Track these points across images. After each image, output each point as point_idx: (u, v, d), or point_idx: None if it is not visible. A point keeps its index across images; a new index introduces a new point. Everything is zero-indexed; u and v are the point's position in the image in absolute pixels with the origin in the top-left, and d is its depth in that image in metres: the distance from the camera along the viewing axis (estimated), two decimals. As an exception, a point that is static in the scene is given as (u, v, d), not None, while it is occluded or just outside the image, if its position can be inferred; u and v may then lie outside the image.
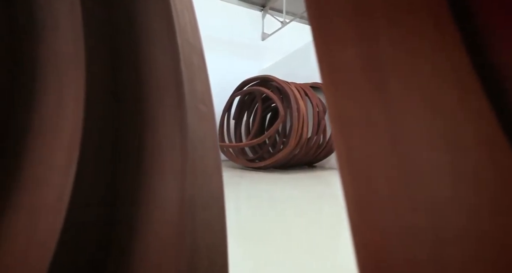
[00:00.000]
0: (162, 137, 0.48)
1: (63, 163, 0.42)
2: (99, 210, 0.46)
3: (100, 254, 0.45)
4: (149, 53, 0.53)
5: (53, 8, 0.49)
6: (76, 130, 0.42)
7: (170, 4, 0.53)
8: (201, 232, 0.46)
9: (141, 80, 0.51)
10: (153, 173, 0.48)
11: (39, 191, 0.42)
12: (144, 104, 0.51)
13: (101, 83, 0.47)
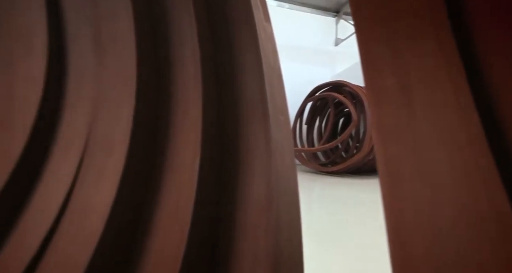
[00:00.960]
0: (252, 142, 0.65)
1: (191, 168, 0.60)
2: (210, 209, 0.61)
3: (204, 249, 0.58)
4: (243, 78, 0.71)
5: (182, 49, 0.70)
6: (197, 138, 0.61)
7: (258, 40, 0.70)
8: (283, 217, 0.60)
9: (237, 99, 0.69)
10: (246, 173, 0.64)
11: (179, 193, 0.60)
12: (239, 117, 0.68)
13: (211, 102, 0.66)
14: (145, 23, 0.74)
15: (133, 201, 0.60)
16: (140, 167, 0.62)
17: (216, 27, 0.75)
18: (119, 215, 0.57)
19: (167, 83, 0.70)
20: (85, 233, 0.55)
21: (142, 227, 0.60)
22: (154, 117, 0.68)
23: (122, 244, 0.56)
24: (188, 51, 0.67)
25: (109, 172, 0.60)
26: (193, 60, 0.65)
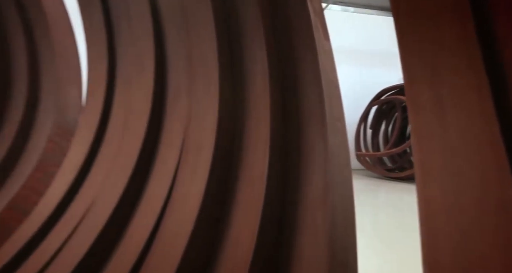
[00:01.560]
0: (312, 145, 0.76)
1: (262, 166, 0.75)
2: (277, 196, 0.76)
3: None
4: (304, 90, 0.83)
5: (254, 67, 0.85)
6: (266, 141, 0.75)
7: (317, 58, 0.81)
8: (338, 209, 0.70)
9: (299, 109, 0.81)
10: (306, 172, 0.76)
11: (253, 185, 0.76)
12: (301, 124, 0.80)
13: (278, 112, 0.80)
14: (225, 46, 0.91)
15: (218, 191, 0.76)
16: (222, 164, 0.78)
17: (282, 48, 0.88)
18: (209, 202, 0.73)
19: (242, 95, 0.86)
20: (185, 215, 0.72)
21: (225, 211, 0.75)
22: (233, 123, 0.84)
23: (211, 224, 0.73)
24: (258, 68, 0.82)
25: (200, 168, 0.77)
26: (262, 76, 0.80)
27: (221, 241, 0.72)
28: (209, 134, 0.81)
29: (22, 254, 0.85)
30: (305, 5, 0.83)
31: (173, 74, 0.96)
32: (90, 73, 1.21)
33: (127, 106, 0.99)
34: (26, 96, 1.49)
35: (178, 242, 0.68)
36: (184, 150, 0.83)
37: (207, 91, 0.88)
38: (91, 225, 0.77)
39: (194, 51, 0.93)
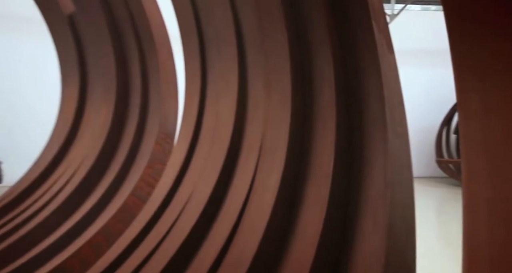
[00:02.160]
0: (374, 148, 0.84)
1: (328, 166, 0.86)
2: (341, 190, 0.86)
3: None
4: (368, 100, 0.91)
5: (322, 81, 0.97)
6: (332, 144, 0.85)
7: (380, 70, 0.89)
8: (397, 204, 0.77)
9: (363, 114, 0.90)
10: (369, 170, 0.84)
11: (319, 181, 0.88)
12: (364, 128, 0.89)
13: (343, 117, 0.90)
14: (297, 63, 1.04)
15: (290, 187, 0.89)
16: (293, 165, 0.91)
17: (348, 62, 0.98)
18: (282, 195, 0.87)
19: (311, 105, 0.98)
20: (263, 205, 0.88)
21: (295, 204, 0.89)
22: (302, 129, 0.97)
23: (284, 212, 0.87)
24: (326, 81, 0.93)
25: (275, 168, 0.92)
26: (329, 87, 0.91)
27: (291, 230, 0.86)
28: (283, 138, 0.95)
29: (144, 231, 1.12)
30: (370, 23, 0.92)
31: (253, 89, 1.14)
32: (186, 89, 1.47)
33: (215, 116, 1.20)
34: (139, 106, 1.86)
35: (257, 228, 0.84)
36: (262, 152, 0.99)
37: (281, 102, 1.02)
38: (193, 209, 0.99)
39: (271, 68, 1.08)
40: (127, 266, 0.95)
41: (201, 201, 1.00)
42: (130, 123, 1.83)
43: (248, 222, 0.86)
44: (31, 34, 5.16)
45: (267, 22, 1.06)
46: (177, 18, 1.50)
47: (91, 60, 2.23)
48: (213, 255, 0.84)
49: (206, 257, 0.86)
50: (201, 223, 0.93)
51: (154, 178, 1.45)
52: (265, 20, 1.06)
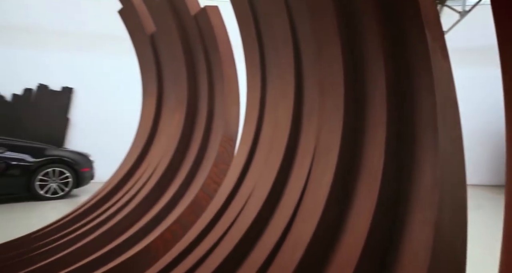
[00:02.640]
0: (425, 151, 0.88)
1: (378, 165, 0.92)
2: (391, 187, 0.91)
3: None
4: (419, 105, 0.94)
5: (374, 84, 1.02)
6: (381, 145, 0.91)
7: (433, 77, 0.92)
8: (447, 205, 0.80)
9: (415, 119, 0.93)
10: (419, 171, 0.88)
11: (369, 179, 0.95)
12: (416, 133, 0.92)
13: (394, 123, 0.94)
14: (350, 71, 1.11)
15: (342, 183, 0.97)
16: (346, 164, 0.99)
17: (400, 69, 1.02)
18: (334, 192, 0.95)
19: (362, 109, 1.05)
20: (317, 201, 0.97)
21: (346, 201, 0.96)
22: (354, 132, 1.03)
23: (336, 209, 0.95)
24: (378, 86, 0.99)
25: (328, 168, 1.01)
26: (381, 92, 0.96)
27: (341, 225, 0.93)
28: (335, 141, 1.03)
29: (213, 221, 1.29)
30: (423, 33, 0.95)
31: (308, 98, 1.24)
32: (248, 98, 1.63)
33: (274, 122, 1.32)
34: (206, 113, 2.09)
35: (311, 221, 0.94)
36: (316, 154, 1.08)
37: (334, 107, 1.10)
38: (254, 204, 1.12)
39: (325, 78, 1.17)
40: (200, 249, 1.12)
41: (261, 197, 1.13)
42: (198, 127, 2.06)
43: (302, 216, 0.96)
44: (118, 50, 5.94)
45: (322, 35, 1.15)
46: (241, 35, 1.67)
47: (167, 73, 2.55)
48: (271, 245, 0.96)
49: (265, 245, 0.98)
50: (261, 216, 1.06)
51: (219, 176, 1.64)
52: (321, 33, 1.15)
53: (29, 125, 6.30)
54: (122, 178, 2.31)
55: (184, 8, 2.10)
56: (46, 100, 6.55)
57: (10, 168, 4.40)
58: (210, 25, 1.94)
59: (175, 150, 2.06)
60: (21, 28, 6.41)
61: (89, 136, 6.53)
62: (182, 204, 1.62)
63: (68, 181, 4.76)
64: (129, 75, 4.66)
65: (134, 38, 2.91)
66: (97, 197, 2.34)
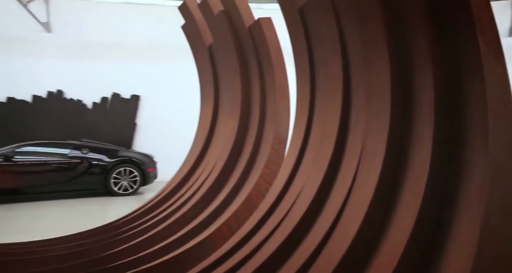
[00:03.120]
0: (475, 154, 0.88)
1: (424, 168, 0.94)
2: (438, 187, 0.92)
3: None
4: (470, 109, 0.95)
5: (422, 92, 1.04)
6: (428, 151, 0.93)
7: (484, 83, 0.92)
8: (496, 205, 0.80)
9: (466, 124, 0.94)
10: (468, 174, 0.88)
11: (413, 185, 0.97)
12: (465, 136, 0.93)
13: (442, 127, 0.96)
14: (397, 81, 1.14)
15: (387, 186, 1.01)
16: (391, 167, 1.03)
17: (449, 75, 1.03)
18: (379, 194, 1.00)
19: (409, 114, 1.07)
20: (361, 201, 1.02)
21: (391, 200, 1.00)
22: (400, 135, 1.06)
23: (379, 210, 0.99)
24: (425, 92, 1.01)
25: (373, 170, 1.05)
26: (429, 100, 0.98)
27: (385, 223, 0.97)
28: (381, 145, 1.07)
29: (264, 217, 1.40)
30: (476, 38, 0.96)
31: (355, 104, 1.29)
32: (297, 103, 1.72)
33: (322, 127, 1.40)
34: (258, 118, 2.22)
35: (355, 220, 0.99)
36: (362, 157, 1.13)
37: (381, 113, 1.14)
38: (302, 203, 1.21)
39: (372, 84, 1.21)
40: (253, 241, 1.24)
41: (309, 196, 1.21)
42: (251, 132, 2.21)
43: (348, 215, 1.03)
44: (180, 61, 6.46)
45: (370, 42, 1.19)
46: (291, 44, 1.77)
47: (223, 81, 2.76)
48: (317, 239, 1.04)
49: (312, 240, 1.06)
50: (309, 213, 1.14)
51: (271, 177, 1.75)
52: (368, 41, 1.19)
53: (104, 129, 7.14)
54: (183, 178, 2.56)
55: (240, 21, 2.27)
56: (118, 107, 7.37)
57: (92, 167, 5.07)
58: (263, 36, 2.07)
59: (230, 152, 2.23)
60: (99, 45, 7.32)
61: (153, 139, 7.18)
62: (237, 201, 1.76)
63: (136, 179, 5.31)
64: (189, 83, 5.05)
65: (194, 49, 3.19)
66: (163, 193, 2.62)
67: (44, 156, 4.89)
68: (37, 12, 6.91)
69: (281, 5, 1.78)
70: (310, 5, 1.55)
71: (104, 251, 1.73)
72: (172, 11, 5.02)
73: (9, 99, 6.88)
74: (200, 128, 3.10)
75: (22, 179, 4.63)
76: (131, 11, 7.57)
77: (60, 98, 7.14)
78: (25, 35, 7.06)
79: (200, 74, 3.24)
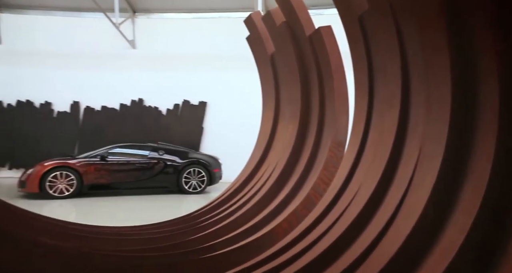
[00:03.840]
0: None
1: (485, 170, 0.95)
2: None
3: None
4: None
5: (485, 111, 1.04)
6: (490, 154, 0.94)
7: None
8: None
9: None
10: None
11: (474, 188, 0.98)
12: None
13: (507, 137, 0.95)
14: (459, 89, 1.13)
15: (444, 189, 1.03)
16: (449, 170, 1.04)
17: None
18: (435, 196, 1.02)
19: (471, 121, 1.07)
20: (418, 200, 1.05)
21: (448, 205, 1.01)
22: (460, 140, 1.07)
23: (436, 209, 1.01)
24: (489, 102, 1.01)
25: (431, 173, 1.08)
26: (493, 104, 0.98)
27: (441, 224, 0.99)
28: (440, 148, 1.09)
29: (322, 215, 1.49)
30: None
31: (414, 109, 1.31)
32: (355, 108, 1.77)
33: (379, 130, 1.44)
34: (317, 123, 2.31)
35: (411, 219, 1.03)
36: (419, 160, 1.16)
37: (441, 118, 1.16)
38: (358, 203, 1.28)
39: (433, 89, 1.22)
40: (311, 236, 1.35)
41: (365, 196, 1.27)
42: (309, 136, 2.31)
43: (403, 214, 1.07)
44: (244, 69, 6.84)
45: (431, 50, 1.21)
46: (350, 51, 1.84)
47: (283, 88, 2.91)
48: (372, 236, 1.10)
49: (365, 238, 1.13)
50: (364, 213, 1.21)
51: (328, 178, 1.83)
52: (429, 49, 1.21)
53: (176, 133, 7.89)
54: (246, 178, 2.76)
55: (300, 30, 2.39)
56: (188, 112, 8.08)
57: (167, 167, 5.67)
58: (323, 44, 2.17)
59: (290, 155, 2.36)
60: (173, 57, 8.13)
61: (218, 142, 7.68)
62: (296, 200, 1.88)
63: (204, 179, 5.76)
64: (252, 90, 5.33)
65: (257, 59, 3.41)
66: (228, 192, 2.86)
67: (129, 157, 5.63)
68: (125, 31, 7.99)
69: (341, 14, 1.86)
70: (369, 13, 1.60)
71: (185, 238, 2.00)
72: (236, 22, 5.39)
73: (103, 107, 8.06)
74: (261, 132, 3.29)
75: (113, 176, 5.40)
76: (201, 24, 8.27)
77: (141, 106, 8.11)
78: (115, 52, 8.21)
79: (262, 81, 3.45)
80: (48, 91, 8.01)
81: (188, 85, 8.08)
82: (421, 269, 0.93)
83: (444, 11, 1.12)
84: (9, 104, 8.00)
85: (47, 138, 7.83)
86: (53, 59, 8.05)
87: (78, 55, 8.13)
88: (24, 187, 5.02)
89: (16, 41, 8.20)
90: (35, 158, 6.41)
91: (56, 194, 5.04)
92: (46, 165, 5.10)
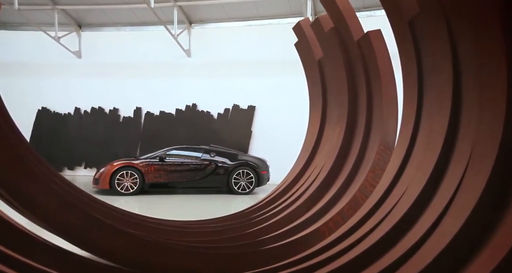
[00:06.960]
0: None
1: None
2: None
3: None
4: None
5: None
6: None
7: None
8: None
9: None
10: None
11: None
12: None
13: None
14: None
15: (496, 190, 1.01)
16: (501, 172, 1.02)
17: None
18: (486, 198, 1.01)
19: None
20: (468, 202, 1.05)
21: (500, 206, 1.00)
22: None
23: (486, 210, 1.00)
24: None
25: (482, 175, 1.07)
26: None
27: (491, 226, 0.98)
28: (492, 149, 1.07)
29: (367, 215, 1.52)
30: None
31: (466, 110, 1.29)
32: (404, 110, 1.76)
33: (428, 132, 1.43)
34: (364, 126, 2.31)
35: (458, 220, 1.04)
36: (470, 160, 1.14)
37: (494, 121, 1.13)
38: (406, 201, 1.30)
39: (486, 91, 1.20)
40: (357, 234, 1.39)
41: (411, 198, 1.28)
42: (356, 138, 2.31)
43: (450, 216, 1.07)
44: (292, 74, 6.94)
45: (486, 52, 1.19)
46: (399, 54, 1.83)
47: (330, 92, 2.94)
48: (416, 237, 1.12)
49: (410, 238, 1.15)
50: (411, 214, 1.23)
51: (375, 180, 1.83)
52: (484, 51, 1.19)
53: (226, 136, 8.24)
54: (294, 178, 2.84)
55: (349, 35, 2.42)
56: (237, 116, 8.39)
57: (218, 168, 5.98)
58: (371, 48, 2.17)
59: (336, 157, 2.39)
60: (224, 64, 8.53)
61: (266, 145, 7.85)
62: (342, 201, 1.91)
63: (252, 180, 5.95)
64: (299, 94, 5.39)
65: (305, 64, 3.49)
66: (276, 192, 2.97)
67: (183, 158, 6.06)
68: (182, 41, 8.60)
69: (390, 17, 1.86)
70: (421, 16, 1.60)
71: (236, 232, 2.16)
72: (285, 28, 5.49)
73: (161, 112, 8.76)
74: (308, 135, 3.34)
75: (170, 176, 5.86)
76: (251, 31, 8.57)
77: (194, 110, 8.64)
78: (172, 61, 8.88)
79: (309, 86, 3.51)
80: (116, 98, 8.95)
81: (238, 90, 8.40)
82: (465, 270, 0.93)
83: (501, 14, 1.10)
84: (85, 111, 9.10)
85: (114, 140, 8.74)
86: (121, 70, 8.98)
87: (141, 65, 8.95)
88: (98, 184, 5.68)
89: (93, 55, 9.31)
90: (105, 159, 7.23)
91: (123, 191, 5.62)
92: (115, 164, 5.72)
